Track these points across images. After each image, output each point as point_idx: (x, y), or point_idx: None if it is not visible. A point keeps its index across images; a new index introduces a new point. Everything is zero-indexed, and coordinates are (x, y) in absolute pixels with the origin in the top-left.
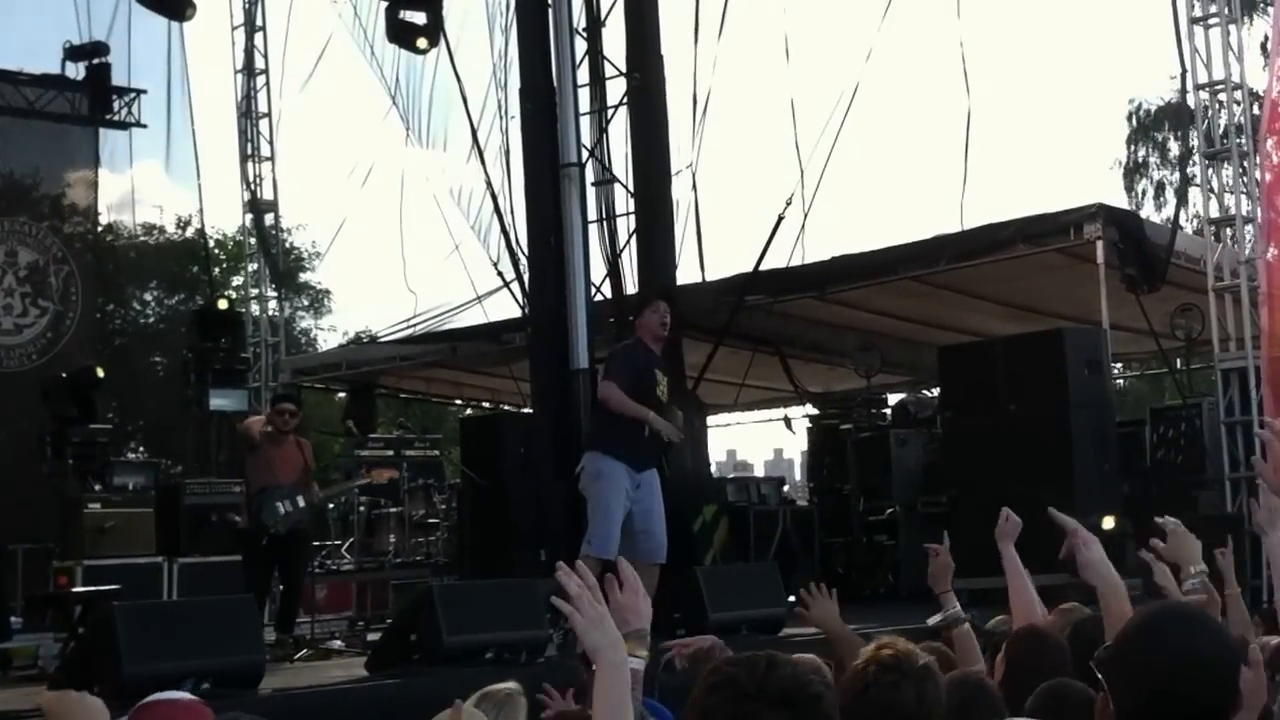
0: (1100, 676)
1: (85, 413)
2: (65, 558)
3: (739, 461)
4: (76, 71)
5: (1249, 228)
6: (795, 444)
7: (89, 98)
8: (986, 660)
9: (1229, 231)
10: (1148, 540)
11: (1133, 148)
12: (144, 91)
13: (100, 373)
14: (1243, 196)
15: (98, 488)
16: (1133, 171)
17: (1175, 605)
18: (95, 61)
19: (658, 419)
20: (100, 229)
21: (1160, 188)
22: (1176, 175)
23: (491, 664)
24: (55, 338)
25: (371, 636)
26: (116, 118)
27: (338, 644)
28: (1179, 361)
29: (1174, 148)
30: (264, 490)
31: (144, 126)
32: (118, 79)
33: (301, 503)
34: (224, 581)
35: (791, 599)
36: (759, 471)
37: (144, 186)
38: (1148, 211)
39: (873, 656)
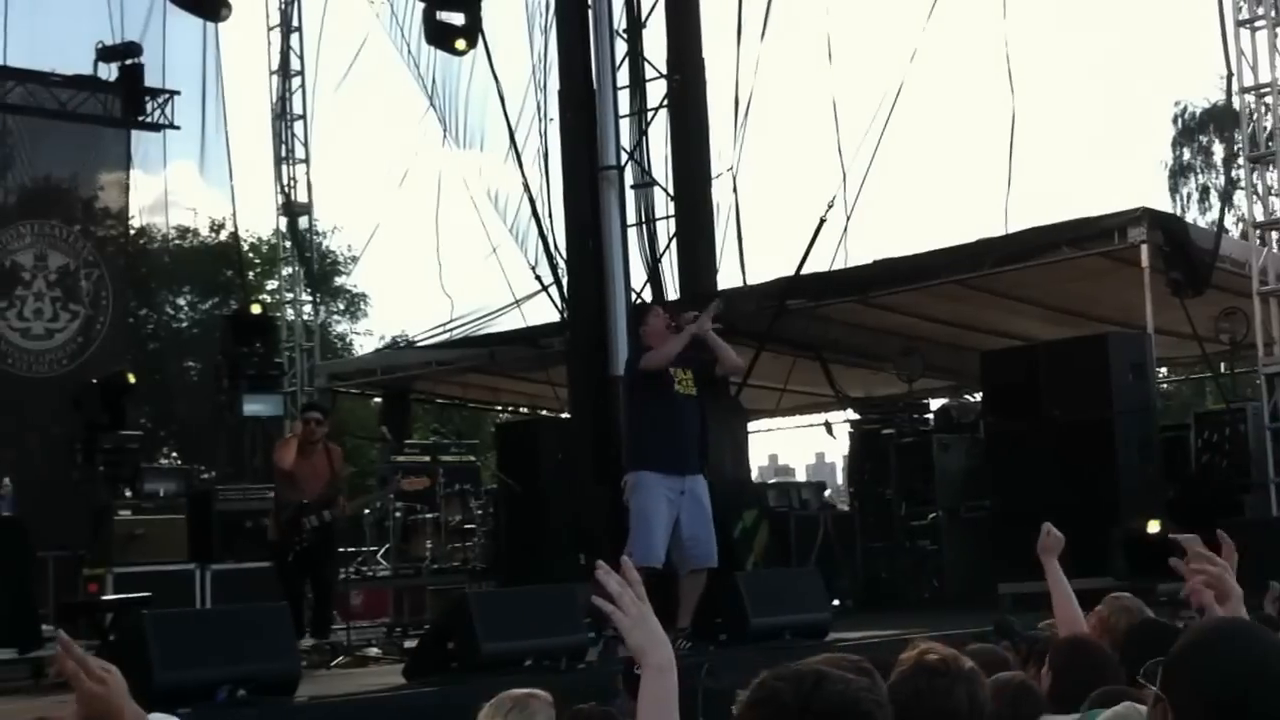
0: (1157, 684)
1: (116, 419)
2: (96, 565)
3: (780, 466)
4: (109, 72)
5: None
6: (836, 448)
7: (121, 99)
8: (1030, 667)
9: (1274, 235)
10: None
11: (1178, 151)
12: (177, 93)
13: (131, 379)
14: None
15: (128, 494)
16: (1178, 174)
17: (1239, 618)
18: (128, 62)
19: (700, 321)
20: (133, 232)
21: (1205, 191)
22: (1221, 179)
23: (530, 671)
24: (86, 342)
25: (409, 643)
26: (149, 119)
27: (374, 651)
28: (1222, 365)
29: (1218, 151)
30: (290, 505)
31: (177, 128)
32: (151, 80)
33: (328, 516)
34: (258, 588)
35: (835, 603)
36: (800, 476)
37: (177, 189)
38: (1193, 215)
39: (918, 662)
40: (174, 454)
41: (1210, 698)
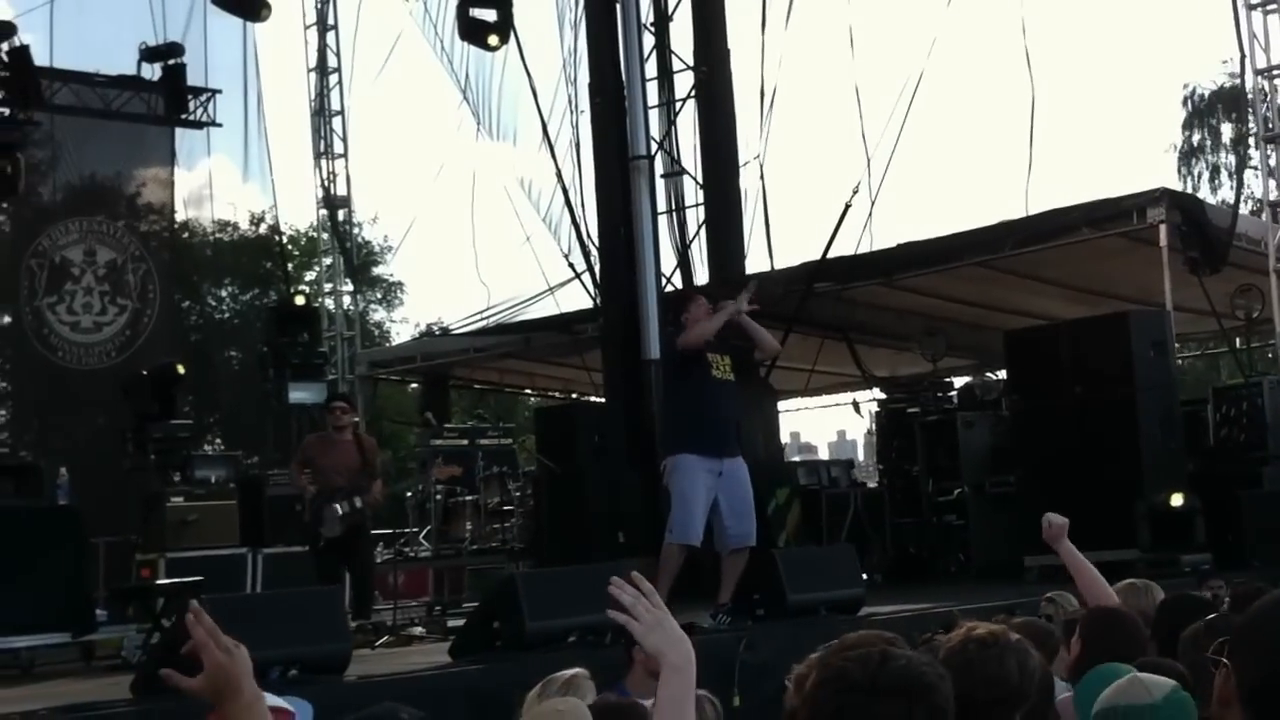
0: (1228, 651)
1: (166, 408)
2: (148, 550)
3: (804, 444)
4: (152, 73)
5: None
6: (858, 426)
7: (165, 98)
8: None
9: None
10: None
11: (1188, 132)
12: (219, 91)
13: (181, 369)
14: None
15: (178, 481)
16: (1188, 155)
17: None
18: (170, 62)
19: (737, 301)
20: (176, 227)
21: (1215, 171)
22: (1232, 159)
23: (574, 647)
24: (134, 335)
25: (451, 622)
26: (192, 117)
27: (419, 630)
28: (1239, 340)
29: (1227, 132)
30: (321, 494)
31: (219, 126)
32: (193, 79)
33: (359, 503)
34: (308, 571)
35: (865, 577)
36: (823, 453)
37: (218, 184)
38: (1203, 195)
39: (967, 636)
40: (218, 441)
41: (1269, 667)
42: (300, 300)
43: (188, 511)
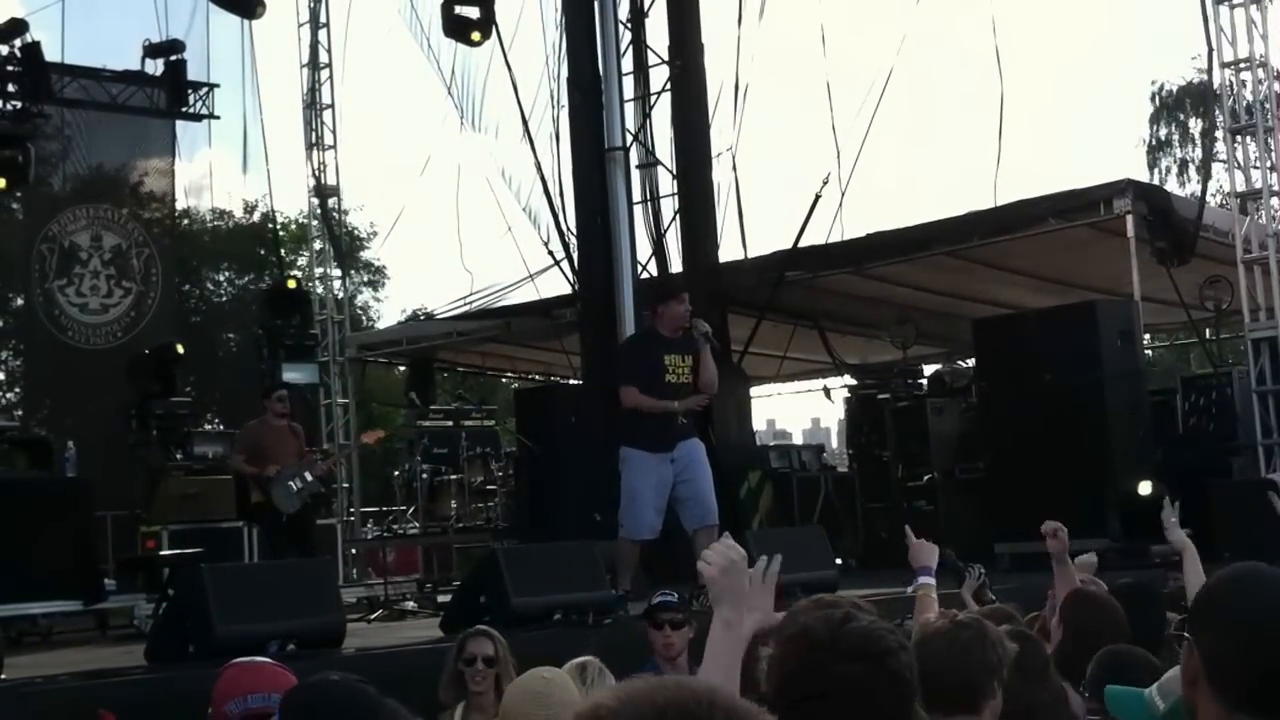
0: (1187, 627)
1: (167, 387)
2: (152, 523)
3: (778, 430)
4: (155, 68)
5: (1275, 200)
6: (832, 412)
7: (166, 92)
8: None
9: (1255, 205)
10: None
11: (1155, 127)
12: (217, 86)
13: (180, 349)
14: (1270, 171)
15: (179, 456)
16: (1156, 150)
17: (1258, 563)
18: (172, 58)
19: (682, 404)
20: (177, 214)
21: (1183, 165)
22: (1199, 152)
23: (561, 625)
24: (138, 317)
25: (441, 598)
26: (192, 110)
27: (410, 605)
28: (1208, 331)
29: (1194, 127)
30: (279, 473)
31: (217, 118)
32: (194, 74)
33: (309, 476)
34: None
35: (839, 561)
36: (797, 439)
37: (216, 174)
38: (1171, 188)
39: (938, 624)
40: (216, 420)
41: (1246, 633)
42: (292, 285)
43: (188, 485)
